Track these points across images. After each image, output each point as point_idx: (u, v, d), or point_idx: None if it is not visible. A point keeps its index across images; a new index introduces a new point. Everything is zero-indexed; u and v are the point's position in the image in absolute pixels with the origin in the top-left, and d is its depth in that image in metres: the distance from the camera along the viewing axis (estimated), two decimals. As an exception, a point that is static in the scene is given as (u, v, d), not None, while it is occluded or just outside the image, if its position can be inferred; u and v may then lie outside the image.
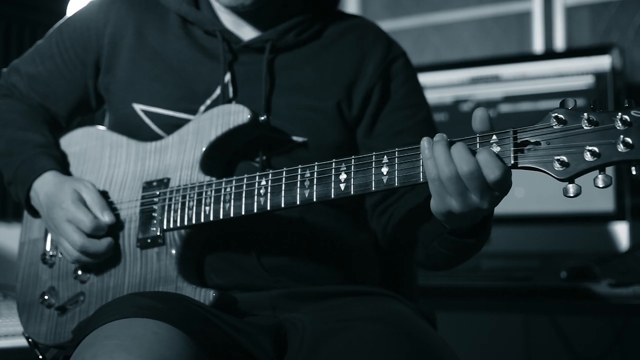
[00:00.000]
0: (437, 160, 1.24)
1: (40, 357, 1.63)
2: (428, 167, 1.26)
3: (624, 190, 2.47)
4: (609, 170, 1.17)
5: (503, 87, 2.67)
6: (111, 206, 1.59)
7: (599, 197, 2.46)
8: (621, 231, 2.47)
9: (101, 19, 1.69)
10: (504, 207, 2.62)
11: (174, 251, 1.51)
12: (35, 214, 1.67)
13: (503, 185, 1.24)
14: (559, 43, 3.14)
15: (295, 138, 1.59)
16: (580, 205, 2.50)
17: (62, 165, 1.67)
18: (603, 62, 2.53)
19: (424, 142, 1.27)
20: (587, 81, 2.55)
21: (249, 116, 1.52)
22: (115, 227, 1.57)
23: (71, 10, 2.63)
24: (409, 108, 1.68)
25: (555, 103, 2.56)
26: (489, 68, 2.71)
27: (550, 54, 2.91)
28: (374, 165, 1.33)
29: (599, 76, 2.53)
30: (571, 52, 2.79)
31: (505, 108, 2.66)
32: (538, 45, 3.19)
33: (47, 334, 1.61)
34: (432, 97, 2.74)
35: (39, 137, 1.68)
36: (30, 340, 1.64)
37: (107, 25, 1.68)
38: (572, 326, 2.89)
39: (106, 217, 1.54)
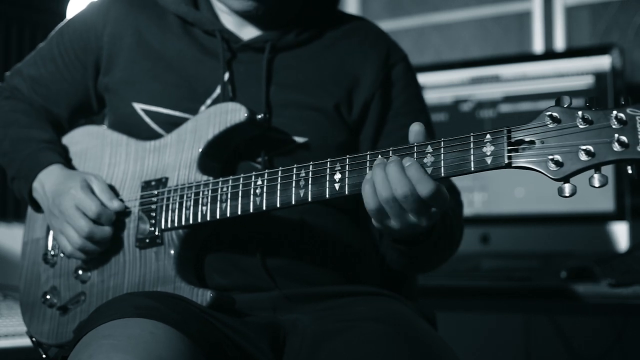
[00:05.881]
0: (376, 183, 1.28)
1: (44, 356, 1.63)
2: (365, 196, 1.30)
3: (624, 190, 2.47)
4: (606, 170, 1.16)
5: (503, 87, 2.67)
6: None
7: (598, 197, 2.46)
8: (621, 231, 2.46)
9: (100, 21, 1.70)
10: (504, 207, 2.64)
11: (172, 251, 1.51)
12: (38, 208, 1.66)
13: (438, 200, 1.28)
14: (559, 43, 3.14)
15: (296, 138, 1.59)
16: (580, 205, 2.50)
17: (67, 162, 1.67)
18: (603, 62, 2.53)
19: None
20: (587, 81, 2.55)
21: (245, 114, 1.52)
22: (116, 227, 1.57)
23: (71, 10, 2.64)
24: (408, 115, 1.68)
25: (555, 103, 2.55)
26: (489, 68, 2.71)
27: (550, 54, 2.91)
28: (368, 165, 1.33)
29: (599, 76, 2.53)
30: (571, 52, 2.78)
31: (505, 108, 2.66)
32: (538, 45, 3.19)
33: (49, 334, 1.61)
34: (432, 97, 2.74)
35: (43, 134, 1.68)
36: (33, 339, 1.64)
37: (106, 26, 1.69)
38: (572, 326, 2.89)
39: (115, 204, 1.55)
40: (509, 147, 1.21)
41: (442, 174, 1.26)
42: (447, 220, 1.52)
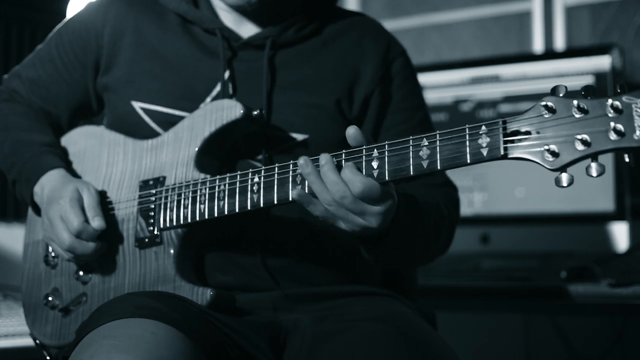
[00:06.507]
0: (315, 189, 1.32)
1: (48, 357, 1.63)
2: (313, 210, 1.35)
3: (624, 190, 2.47)
4: (606, 169, 1.15)
5: (503, 87, 2.67)
6: (109, 206, 1.59)
7: (599, 197, 2.46)
8: (621, 231, 2.46)
9: (99, 20, 1.69)
10: (504, 207, 2.64)
11: (172, 250, 1.51)
12: (39, 212, 1.66)
13: (375, 198, 1.30)
14: (559, 43, 3.14)
15: (296, 135, 1.59)
16: (580, 205, 2.50)
17: (67, 163, 1.67)
18: (603, 62, 2.53)
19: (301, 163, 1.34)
20: (587, 81, 2.55)
21: (241, 111, 1.52)
22: (114, 227, 1.57)
23: (71, 10, 2.64)
24: (406, 111, 1.68)
25: (555, 103, 2.55)
26: (489, 68, 2.71)
27: (550, 54, 2.91)
28: (364, 159, 1.33)
29: (599, 76, 2.53)
30: (571, 52, 2.78)
31: (505, 108, 2.66)
32: (538, 45, 3.19)
33: (52, 335, 1.61)
34: (432, 97, 2.74)
35: (43, 137, 1.68)
36: (37, 341, 1.65)
37: (105, 26, 1.68)
38: (572, 326, 2.89)
39: (95, 223, 1.52)
40: (504, 138, 1.21)
41: (439, 167, 1.26)
42: (427, 219, 1.51)
